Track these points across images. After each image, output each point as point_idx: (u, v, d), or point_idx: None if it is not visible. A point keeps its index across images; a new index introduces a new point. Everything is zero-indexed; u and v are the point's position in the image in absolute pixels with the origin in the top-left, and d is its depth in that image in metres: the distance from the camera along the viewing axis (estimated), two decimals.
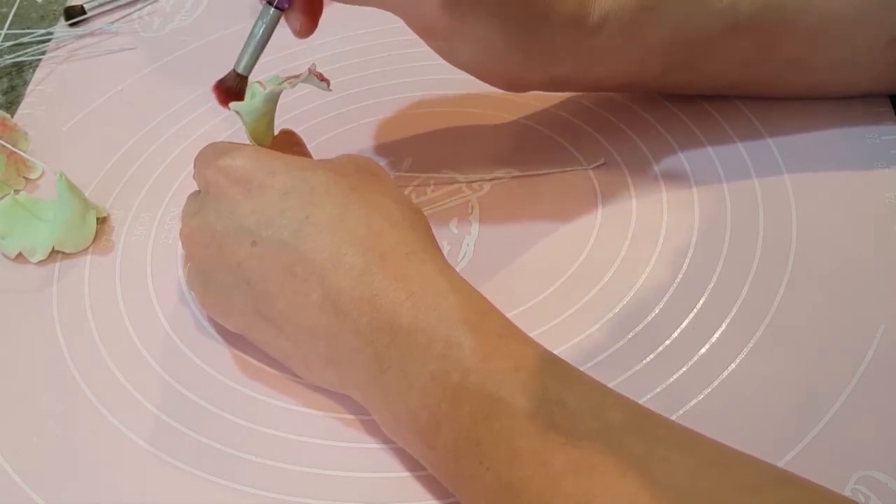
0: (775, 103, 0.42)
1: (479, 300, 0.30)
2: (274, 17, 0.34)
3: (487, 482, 0.26)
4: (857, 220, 0.37)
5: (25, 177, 0.47)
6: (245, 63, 0.35)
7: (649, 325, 0.35)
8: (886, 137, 0.40)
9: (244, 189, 0.33)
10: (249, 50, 0.35)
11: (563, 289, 0.37)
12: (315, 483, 0.32)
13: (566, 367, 0.29)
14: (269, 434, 0.34)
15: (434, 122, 0.46)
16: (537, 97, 0.46)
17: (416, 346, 0.29)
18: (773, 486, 0.24)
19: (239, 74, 0.35)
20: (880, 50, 0.39)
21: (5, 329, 0.40)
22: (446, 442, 0.28)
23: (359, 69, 0.50)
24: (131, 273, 0.41)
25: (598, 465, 0.24)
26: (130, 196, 0.45)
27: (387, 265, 0.30)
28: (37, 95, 0.53)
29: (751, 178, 0.40)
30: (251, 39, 0.34)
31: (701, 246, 0.38)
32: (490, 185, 0.42)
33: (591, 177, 0.41)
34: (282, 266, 0.32)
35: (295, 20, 0.35)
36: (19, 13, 0.60)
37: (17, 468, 0.34)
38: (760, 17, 0.38)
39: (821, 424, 0.31)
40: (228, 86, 0.35)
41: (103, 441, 0.35)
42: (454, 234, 0.40)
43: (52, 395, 0.36)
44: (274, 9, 0.34)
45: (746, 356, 0.33)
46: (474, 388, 0.27)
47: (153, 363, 0.37)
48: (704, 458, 0.25)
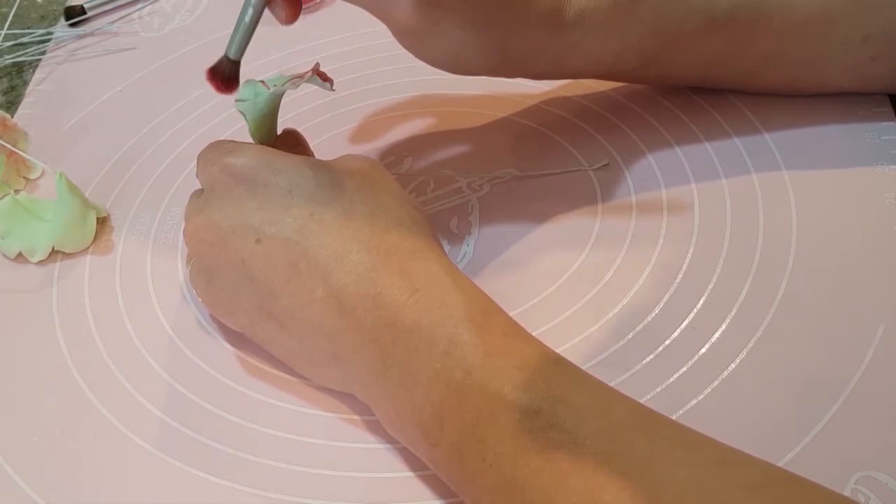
0: (776, 105, 0.42)
1: (483, 299, 0.31)
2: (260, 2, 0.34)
3: (491, 479, 0.26)
4: (857, 220, 0.37)
5: (25, 177, 0.47)
6: (236, 48, 0.35)
7: (649, 325, 0.35)
8: (886, 137, 0.40)
9: (249, 187, 0.33)
10: (239, 34, 0.35)
11: (563, 289, 0.37)
12: (317, 483, 0.32)
13: (570, 365, 0.29)
14: (271, 434, 0.34)
15: (434, 122, 0.46)
16: (538, 97, 0.46)
17: (419, 343, 0.29)
18: (775, 486, 0.24)
19: (231, 59, 0.35)
20: (854, 48, 0.39)
21: (5, 329, 0.40)
22: (449, 439, 0.28)
23: (360, 69, 0.50)
24: (131, 273, 0.41)
25: (602, 462, 0.25)
26: (130, 196, 0.45)
27: (391, 262, 0.30)
28: (37, 95, 0.53)
29: (751, 179, 0.40)
30: (240, 24, 0.35)
31: (701, 246, 0.38)
32: (490, 185, 0.42)
33: (591, 177, 0.41)
34: (286, 263, 0.32)
35: (279, 9, 0.35)
36: (19, 13, 0.60)
37: (17, 468, 0.34)
38: (736, 12, 0.38)
39: (821, 424, 0.31)
40: (222, 71, 0.35)
41: (103, 441, 0.35)
42: (454, 234, 0.40)
43: (52, 395, 0.36)
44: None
45: (746, 356, 0.33)
46: (478, 385, 0.27)
47: (153, 363, 0.37)
48: (707, 456, 0.25)
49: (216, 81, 0.35)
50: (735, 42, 0.39)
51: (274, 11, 0.35)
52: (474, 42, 0.36)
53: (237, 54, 0.35)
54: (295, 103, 0.48)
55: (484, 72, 0.38)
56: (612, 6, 0.37)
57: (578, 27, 0.37)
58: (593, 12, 0.37)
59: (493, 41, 0.36)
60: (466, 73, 0.38)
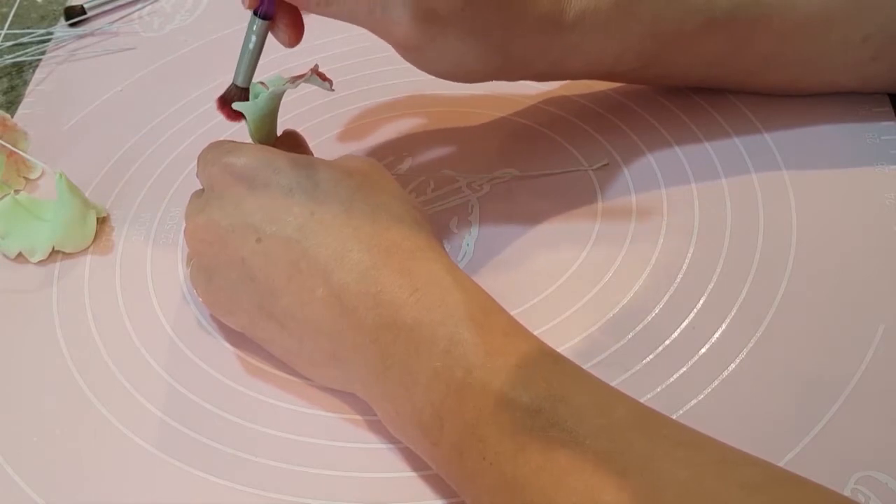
0: (776, 105, 0.43)
1: (483, 298, 0.31)
2: (263, 28, 0.35)
3: (491, 478, 0.26)
4: (857, 220, 0.37)
5: (25, 177, 0.47)
6: (243, 76, 0.36)
7: (649, 325, 0.35)
8: (886, 137, 0.40)
9: (249, 186, 0.33)
10: (245, 62, 0.36)
11: (563, 288, 0.37)
12: (317, 483, 0.32)
13: (570, 364, 0.29)
14: (271, 434, 0.34)
15: (434, 122, 0.46)
16: (538, 97, 0.46)
17: (420, 343, 0.29)
18: (775, 486, 0.24)
19: (239, 87, 0.36)
20: (855, 47, 0.39)
21: (5, 329, 0.40)
22: (450, 438, 0.28)
23: (360, 69, 0.50)
24: (131, 273, 0.41)
25: (602, 461, 0.25)
26: (130, 196, 0.45)
27: (392, 261, 0.31)
28: (37, 95, 0.53)
29: (751, 179, 0.40)
30: (245, 51, 0.35)
31: (701, 246, 0.38)
32: (490, 185, 0.42)
33: (591, 177, 0.41)
34: (287, 262, 0.32)
35: (282, 34, 0.36)
36: (19, 13, 0.60)
37: (17, 468, 0.34)
38: (736, 13, 0.38)
39: (821, 424, 0.31)
40: (232, 100, 0.36)
41: (103, 441, 0.35)
42: (454, 234, 0.40)
43: (52, 395, 0.36)
44: (261, 20, 0.35)
45: (746, 356, 0.33)
46: (478, 384, 0.27)
47: (153, 363, 0.37)
48: (707, 456, 0.25)
49: (226, 109, 0.36)
50: (735, 42, 0.39)
51: (277, 36, 0.36)
52: (474, 51, 0.36)
53: (245, 82, 0.36)
54: (295, 103, 0.48)
55: (486, 78, 0.38)
56: (612, 7, 0.37)
57: (578, 28, 0.37)
58: (594, 13, 0.37)
59: (492, 48, 0.36)
60: (469, 81, 0.38)
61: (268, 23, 0.35)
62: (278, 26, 0.36)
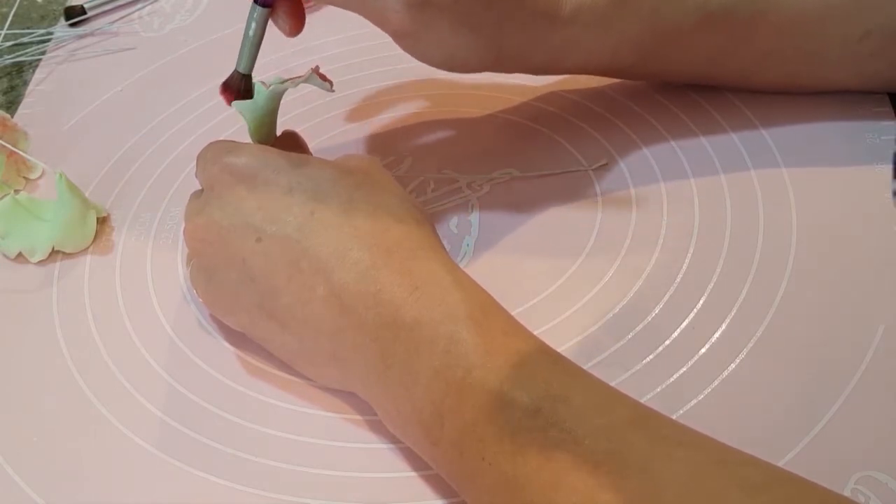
0: (775, 104, 0.42)
1: (483, 297, 0.31)
2: (263, 15, 0.35)
3: (490, 478, 0.26)
4: (857, 220, 0.37)
5: (25, 177, 0.47)
6: (245, 62, 0.36)
7: (649, 325, 0.35)
8: (886, 137, 0.40)
9: (249, 186, 0.33)
10: (246, 49, 0.36)
11: (563, 289, 0.37)
12: (317, 483, 0.32)
13: (570, 364, 0.29)
14: (271, 434, 0.34)
15: (434, 122, 0.46)
16: (537, 97, 0.46)
17: (420, 342, 0.29)
18: (775, 486, 0.24)
19: (242, 74, 0.36)
20: (854, 44, 0.39)
21: (5, 329, 0.40)
22: (450, 438, 0.28)
23: (360, 69, 0.50)
24: (131, 273, 0.41)
25: (602, 461, 0.25)
26: (130, 196, 0.45)
27: (392, 260, 0.31)
28: (37, 95, 0.53)
29: (751, 179, 0.40)
30: (246, 39, 0.35)
31: (701, 246, 0.38)
32: (490, 185, 0.42)
33: (591, 177, 0.41)
34: (287, 262, 0.32)
35: (282, 22, 0.36)
36: (19, 13, 0.60)
37: (17, 468, 0.34)
38: (733, 9, 0.38)
39: (820, 424, 0.31)
40: (234, 86, 0.36)
41: (103, 441, 0.35)
42: (454, 234, 0.40)
43: (52, 395, 0.36)
44: (261, 7, 0.35)
45: (746, 356, 0.33)
46: (478, 384, 0.27)
47: (153, 363, 0.37)
48: (707, 456, 0.25)
49: (227, 94, 0.36)
50: (733, 38, 0.39)
51: (277, 24, 0.36)
52: (468, 41, 0.36)
53: (247, 68, 0.36)
54: (295, 103, 0.48)
55: (481, 69, 0.38)
56: (609, 2, 0.37)
57: (575, 23, 0.37)
58: (591, 8, 0.37)
59: (486, 39, 0.36)
60: (464, 71, 0.38)
61: (268, 10, 0.35)
62: (278, 14, 0.36)
